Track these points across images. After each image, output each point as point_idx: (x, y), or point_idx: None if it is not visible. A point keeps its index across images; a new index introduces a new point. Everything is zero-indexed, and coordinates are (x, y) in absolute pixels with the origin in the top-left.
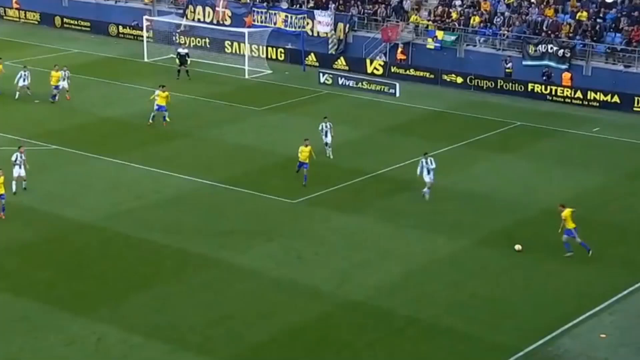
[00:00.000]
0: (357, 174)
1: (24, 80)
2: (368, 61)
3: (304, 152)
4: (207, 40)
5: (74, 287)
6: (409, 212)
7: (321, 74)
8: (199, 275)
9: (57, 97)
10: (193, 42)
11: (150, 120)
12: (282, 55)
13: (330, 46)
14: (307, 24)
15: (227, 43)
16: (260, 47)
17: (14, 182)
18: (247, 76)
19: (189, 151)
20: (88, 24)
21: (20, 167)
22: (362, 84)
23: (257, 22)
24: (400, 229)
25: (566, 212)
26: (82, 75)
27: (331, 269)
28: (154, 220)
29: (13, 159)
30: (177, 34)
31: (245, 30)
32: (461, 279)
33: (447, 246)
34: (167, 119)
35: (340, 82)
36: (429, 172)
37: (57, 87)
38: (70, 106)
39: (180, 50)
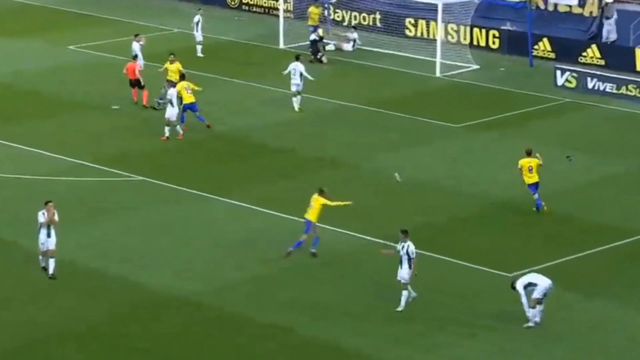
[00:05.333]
0: (614, 234)
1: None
2: (638, 52)
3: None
4: (377, 16)
5: None
6: None
7: (559, 72)
8: None
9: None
10: (356, 18)
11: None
12: (496, 41)
13: (606, 31)
14: None
15: (408, 21)
16: (462, 28)
17: (41, 258)
18: (438, 73)
19: (341, 189)
20: None
21: (48, 235)
22: (627, 89)
23: None
24: None
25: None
26: (185, 68)
27: None
28: (291, 297)
29: (40, 218)
30: (330, 6)
31: (438, 1)
32: None
33: None
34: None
35: (590, 85)
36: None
37: (173, 84)
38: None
39: (312, 37)
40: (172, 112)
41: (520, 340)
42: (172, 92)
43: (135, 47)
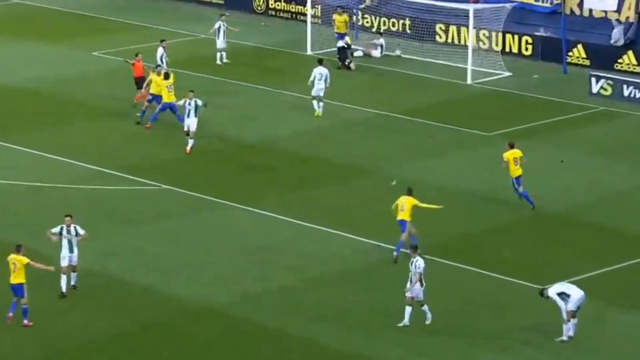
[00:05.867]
0: None
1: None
2: None
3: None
4: (407, 22)
5: None
6: None
7: (594, 79)
8: None
9: (145, 115)
10: (385, 24)
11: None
12: (529, 47)
13: (615, 35)
14: None
15: (439, 27)
16: (494, 34)
17: (62, 277)
18: (469, 81)
19: (369, 197)
20: None
21: (70, 250)
22: None
23: None
24: None
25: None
26: (210, 74)
27: None
28: (318, 307)
29: (55, 230)
30: (358, 12)
31: (470, 7)
32: None
33: None
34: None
35: (626, 93)
36: None
37: (156, 98)
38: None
39: (340, 43)
40: (190, 122)
41: (552, 354)
42: (184, 103)
43: (158, 52)
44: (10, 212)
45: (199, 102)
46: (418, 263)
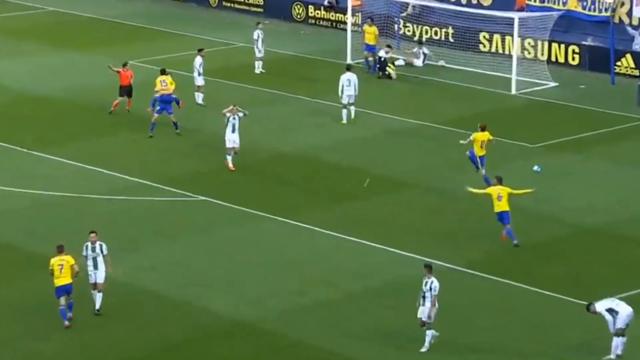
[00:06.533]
0: None
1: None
2: None
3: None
4: (450, 30)
5: None
6: None
7: None
8: None
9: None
10: (427, 33)
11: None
12: (576, 57)
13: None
14: (622, 4)
15: (482, 36)
16: (539, 44)
17: (93, 292)
18: (514, 91)
19: (410, 210)
20: (260, 2)
21: (94, 267)
22: None
23: (535, 1)
24: None
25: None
26: (247, 84)
27: None
28: (354, 323)
29: (83, 252)
30: (400, 21)
31: (515, 15)
32: None
33: None
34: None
35: None
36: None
37: (166, 100)
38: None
39: (381, 53)
40: (234, 138)
41: None
42: (228, 115)
43: (197, 61)
44: (46, 223)
45: (240, 115)
46: (434, 285)
